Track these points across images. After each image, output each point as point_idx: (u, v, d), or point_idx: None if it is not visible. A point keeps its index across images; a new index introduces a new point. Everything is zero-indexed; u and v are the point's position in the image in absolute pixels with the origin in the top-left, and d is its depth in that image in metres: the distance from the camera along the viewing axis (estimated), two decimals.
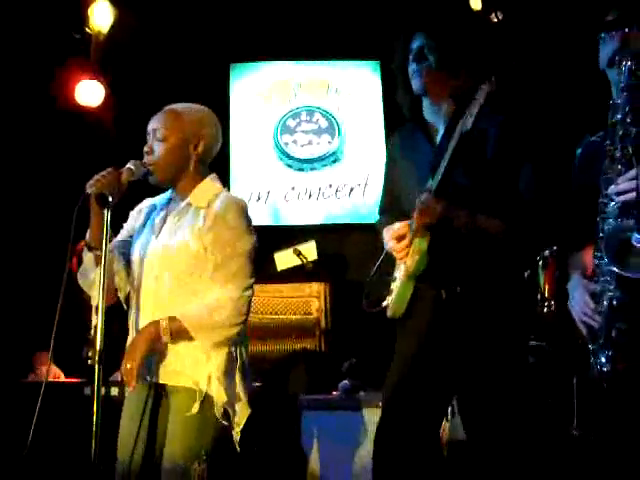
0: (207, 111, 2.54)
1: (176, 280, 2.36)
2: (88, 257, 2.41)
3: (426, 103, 2.68)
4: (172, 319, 2.27)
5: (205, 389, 2.29)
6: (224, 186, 2.53)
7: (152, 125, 2.47)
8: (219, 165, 2.59)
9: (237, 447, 2.34)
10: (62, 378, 3.56)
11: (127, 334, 2.45)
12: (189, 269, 2.36)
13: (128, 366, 2.23)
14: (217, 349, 2.33)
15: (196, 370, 2.31)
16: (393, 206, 2.77)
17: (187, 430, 2.29)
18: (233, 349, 2.36)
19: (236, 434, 2.34)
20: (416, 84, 2.62)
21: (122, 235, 2.58)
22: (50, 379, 3.64)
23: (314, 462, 3.79)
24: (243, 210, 2.42)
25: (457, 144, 2.43)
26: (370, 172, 5.98)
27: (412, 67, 2.62)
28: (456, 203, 2.47)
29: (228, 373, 2.33)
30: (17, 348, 4.50)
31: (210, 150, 2.51)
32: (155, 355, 2.33)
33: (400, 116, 2.80)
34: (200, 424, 2.29)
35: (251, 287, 2.38)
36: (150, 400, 2.40)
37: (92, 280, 2.39)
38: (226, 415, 2.32)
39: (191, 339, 2.29)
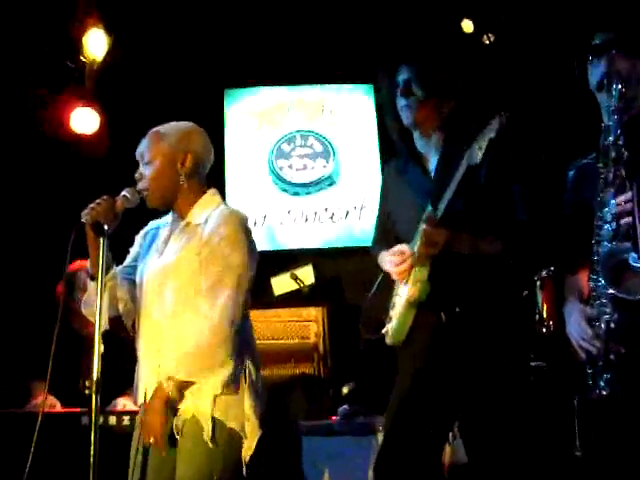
0: (191, 125, 2.53)
1: (178, 299, 2.34)
2: (91, 286, 2.40)
3: (416, 135, 2.68)
4: (170, 378, 2.24)
5: (210, 412, 2.26)
6: None
7: (139, 149, 2.47)
8: (215, 189, 2.58)
9: (244, 470, 2.28)
10: (58, 407, 3.53)
11: (125, 360, 2.44)
12: (190, 286, 2.33)
13: (152, 441, 2.22)
14: (219, 368, 2.28)
15: (198, 395, 2.28)
16: (387, 237, 2.76)
17: (197, 457, 2.25)
18: (238, 366, 2.31)
19: (245, 457, 2.29)
20: (406, 119, 2.62)
21: (128, 260, 2.57)
22: (46, 410, 3.60)
23: None
24: (240, 222, 2.39)
25: (463, 177, 2.42)
26: (366, 195, 5.98)
27: (400, 102, 2.62)
28: (456, 229, 2.47)
29: (234, 392, 2.29)
30: (11, 376, 4.46)
31: (200, 163, 2.48)
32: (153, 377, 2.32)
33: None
34: (209, 450, 2.25)
35: (245, 299, 2.32)
36: None
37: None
38: (235, 437, 2.28)
39: (194, 382, 2.26)
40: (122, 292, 2.46)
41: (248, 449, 2.30)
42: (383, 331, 2.63)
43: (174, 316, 2.33)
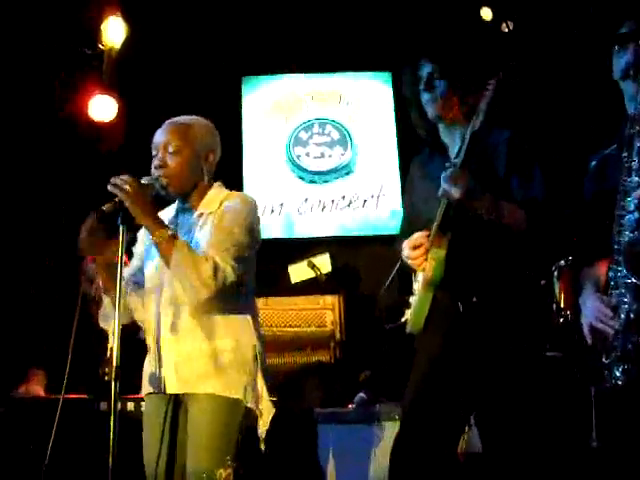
0: (210, 123, 2.57)
1: None
2: (107, 301, 2.42)
3: (442, 127, 2.70)
4: (175, 235, 2.27)
5: (226, 393, 2.29)
6: None
7: (161, 138, 2.47)
8: (232, 177, 2.60)
9: (262, 447, 2.33)
10: (41, 394, 3.56)
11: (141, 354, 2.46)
12: None
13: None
14: (225, 339, 2.33)
15: (216, 374, 2.31)
16: (411, 230, 2.77)
17: (211, 436, 2.28)
18: (250, 346, 2.36)
19: (262, 434, 2.33)
20: (430, 112, 2.64)
21: (134, 262, 2.57)
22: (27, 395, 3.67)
23: (330, 476, 3.77)
24: (249, 204, 2.44)
25: (470, 140, 2.45)
26: (383, 183, 5.97)
27: (424, 97, 2.64)
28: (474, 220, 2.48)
29: (249, 373, 2.34)
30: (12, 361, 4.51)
31: (217, 161, 2.54)
32: (170, 366, 2.34)
33: (412, 130, 2.82)
34: (224, 429, 2.29)
35: (237, 269, 2.28)
36: (169, 412, 2.39)
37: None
38: (250, 416, 2.32)
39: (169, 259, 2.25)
40: (134, 301, 2.48)
41: (264, 427, 2.35)
42: (403, 320, 2.64)
43: (190, 310, 2.35)
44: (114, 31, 5.15)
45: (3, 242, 5.21)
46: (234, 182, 2.61)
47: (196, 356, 2.34)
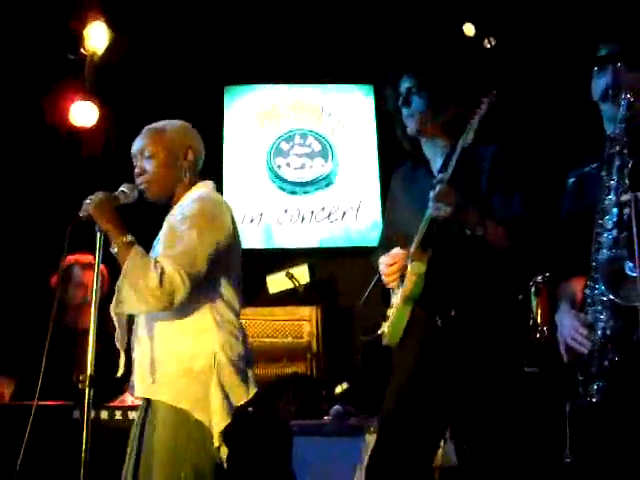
0: (187, 124, 2.57)
1: None
2: (121, 323, 2.38)
3: (423, 141, 2.72)
4: (133, 242, 2.24)
5: (175, 403, 2.23)
6: None
7: (137, 146, 2.49)
8: None
9: (224, 464, 2.21)
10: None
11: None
12: None
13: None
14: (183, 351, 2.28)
15: (168, 382, 2.27)
16: (389, 244, 2.77)
17: (161, 450, 2.23)
18: (206, 354, 2.28)
19: (216, 450, 2.21)
20: (410, 128, 2.67)
21: None
22: None
23: None
24: (204, 201, 2.37)
25: (460, 156, 2.46)
26: (363, 196, 5.98)
27: (403, 112, 2.68)
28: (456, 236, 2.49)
29: (201, 383, 2.25)
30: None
31: (199, 158, 2.53)
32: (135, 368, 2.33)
33: (394, 142, 2.84)
34: (173, 442, 2.21)
35: (191, 275, 2.20)
36: (143, 417, 2.37)
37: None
38: (203, 429, 2.22)
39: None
40: None
41: (216, 440, 2.22)
42: (379, 332, 2.64)
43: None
44: (97, 36, 5.12)
45: None
46: None
47: (150, 361, 2.30)
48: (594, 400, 2.07)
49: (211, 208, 2.36)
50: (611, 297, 2.02)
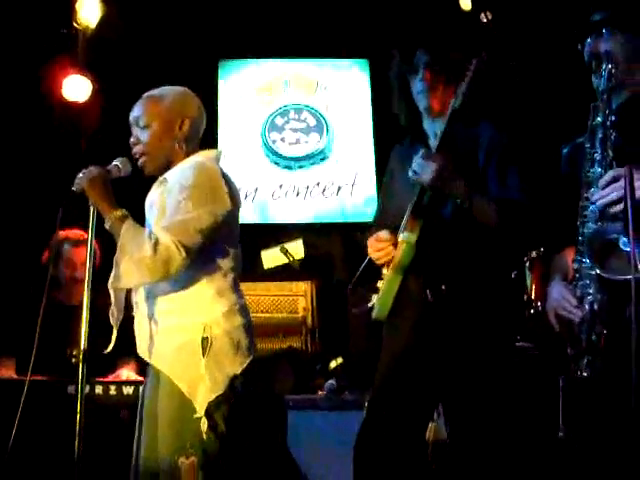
0: (186, 90, 2.53)
1: None
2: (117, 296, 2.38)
3: (426, 117, 2.69)
4: (127, 216, 2.25)
5: (172, 375, 2.25)
6: None
7: (133, 114, 2.46)
8: None
9: (204, 435, 2.19)
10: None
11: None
12: None
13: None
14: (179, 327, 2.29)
15: (173, 354, 2.28)
16: (384, 219, 2.77)
17: (166, 424, 2.25)
18: (197, 326, 2.28)
19: (200, 421, 2.20)
20: (423, 103, 2.63)
21: None
22: None
23: (300, 462, 3.77)
24: (206, 173, 2.35)
25: (449, 119, 2.45)
26: (358, 171, 5.95)
27: (418, 86, 2.62)
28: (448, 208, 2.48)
29: (191, 354, 2.25)
30: None
31: (196, 128, 2.49)
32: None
33: (389, 117, 2.81)
34: (179, 415, 2.23)
35: (188, 244, 2.20)
36: (151, 385, 2.39)
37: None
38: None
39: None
40: None
41: (200, 412, 2.21)
42: (369, 305, 2.63)
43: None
44: (89, 11, 5.08)
45: None
46: None
47: (152, 332, 2.32)
48: (585, 374, 2.07)
49: (207, 179, 2.34)
50: (597, 271, 2.00)
